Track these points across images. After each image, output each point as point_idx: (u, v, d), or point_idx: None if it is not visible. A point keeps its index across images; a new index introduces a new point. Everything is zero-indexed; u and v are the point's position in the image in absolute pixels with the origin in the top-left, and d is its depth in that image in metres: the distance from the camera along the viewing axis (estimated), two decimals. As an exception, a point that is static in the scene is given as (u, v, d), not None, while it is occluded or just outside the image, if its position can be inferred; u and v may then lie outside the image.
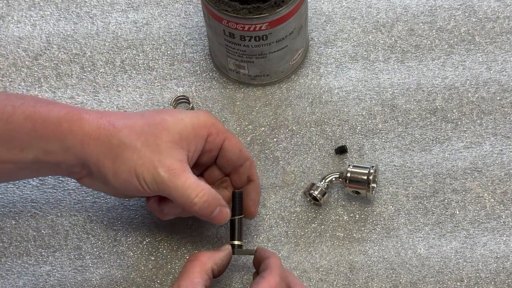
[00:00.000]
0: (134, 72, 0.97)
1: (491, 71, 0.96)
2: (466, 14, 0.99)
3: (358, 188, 0.86)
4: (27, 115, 0.74)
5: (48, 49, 0.99)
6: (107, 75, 0.97)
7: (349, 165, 0.87)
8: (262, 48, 0.89)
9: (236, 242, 0.81)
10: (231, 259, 0.80)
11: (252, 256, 0.82)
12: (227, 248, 0.80)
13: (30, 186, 0.90)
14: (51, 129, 0.74)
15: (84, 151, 0.75)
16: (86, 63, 0.98)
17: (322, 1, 1.01)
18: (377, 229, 0.87)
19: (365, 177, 0.86)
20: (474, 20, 0.99)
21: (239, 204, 0.82)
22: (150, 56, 0.98)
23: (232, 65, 0.92)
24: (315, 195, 0.87)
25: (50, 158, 0.75)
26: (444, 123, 0.93)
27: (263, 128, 0.93)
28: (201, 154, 0.80)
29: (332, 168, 0.91)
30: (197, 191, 0.75)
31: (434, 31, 0.98)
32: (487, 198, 0.89)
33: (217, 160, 0.83)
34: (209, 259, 0.77)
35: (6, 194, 0.90)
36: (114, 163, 0.74)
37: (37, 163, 0.75)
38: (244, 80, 0.95)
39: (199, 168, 0.83)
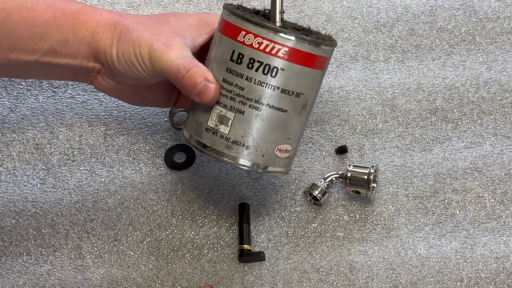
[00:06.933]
0: (135, 71, 0.97)
1: (492, 71, 0.96)
2: (467, 14, 0.99)
3: (358, 188, 0.86)
4: (48, 5, 0.79)
5: (48, 48, 0.99)
6: (108, 75, 0.97)
7: (349, 165, 0.87)
8: (263, 90, 0.77)
9: (245, 246, 0.85)
10: None
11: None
12: None
13: (30, 185, 0.90)
14: (68, 20, 0.80)
15: (94, 39, 0.80)
16: (87, 62, 0.98)
17: (322, 1, 1.00)
18: (377, 229, 0.87)
19: (365, 177, 0.86)
20: (474, 20, 0.99)
21: (247, 214, 0.87)
22: (150, 55, 0.98)
23: (214, 116, 0.79)
24: (315, 194, 0.87)
25: (66, 49, 0.80)
26: (444, 123, 0.93)
27: (263, 127, 0.93)
28: (204, 51, 0.83)
29: (332, 168, 0.91)
30: (186, 63, 0.77)
31: (434, 31, 0.98)
32: (487, 198, 0.89)
33: None
34: None
35: (6, 193, 0.90)
36: (118, 45, 0.80)
37: (54, 54, 0.80)
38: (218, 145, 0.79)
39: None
